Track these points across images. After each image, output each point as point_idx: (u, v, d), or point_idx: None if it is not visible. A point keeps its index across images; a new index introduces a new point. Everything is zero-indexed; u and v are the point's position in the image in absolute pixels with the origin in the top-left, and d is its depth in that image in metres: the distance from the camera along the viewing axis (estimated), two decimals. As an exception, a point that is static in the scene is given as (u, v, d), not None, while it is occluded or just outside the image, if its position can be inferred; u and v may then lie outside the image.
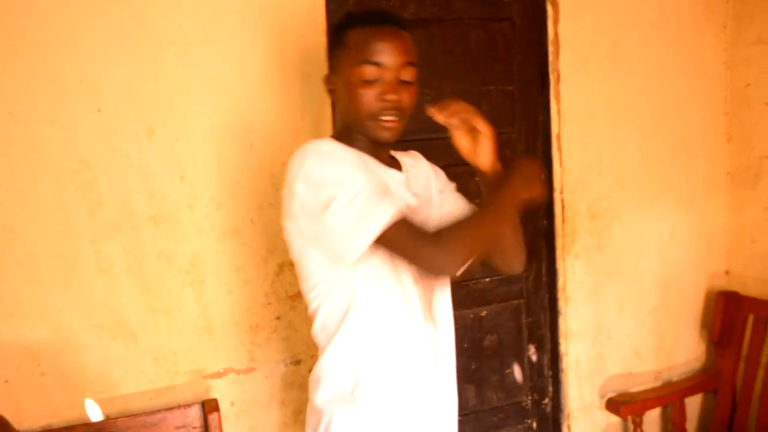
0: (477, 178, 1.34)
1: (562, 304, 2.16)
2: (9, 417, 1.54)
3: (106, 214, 1.62)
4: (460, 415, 2.04)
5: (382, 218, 1.12)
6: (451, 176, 1.50)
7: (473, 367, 2.07)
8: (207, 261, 1.70)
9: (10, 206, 1.56)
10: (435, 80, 1.95)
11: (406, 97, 1.25)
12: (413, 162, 1.44)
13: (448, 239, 1.13)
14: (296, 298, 1.80)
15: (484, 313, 2.07)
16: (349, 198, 1.13)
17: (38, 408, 1.58)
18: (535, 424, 2.17)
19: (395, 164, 1.37)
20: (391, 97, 1.22)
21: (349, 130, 1.29)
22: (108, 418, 1.62)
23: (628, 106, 2.28)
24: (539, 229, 2.14)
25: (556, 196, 2.16)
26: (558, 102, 2.15)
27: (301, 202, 1.18)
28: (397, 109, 1.24)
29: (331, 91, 1.32)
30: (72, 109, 1.58)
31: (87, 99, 1.59)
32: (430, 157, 1.74)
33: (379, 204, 1.13)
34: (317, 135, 1.79)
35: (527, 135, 2.12)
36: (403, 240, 1.14)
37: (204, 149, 1.69)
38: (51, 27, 1.55)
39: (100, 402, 1.63)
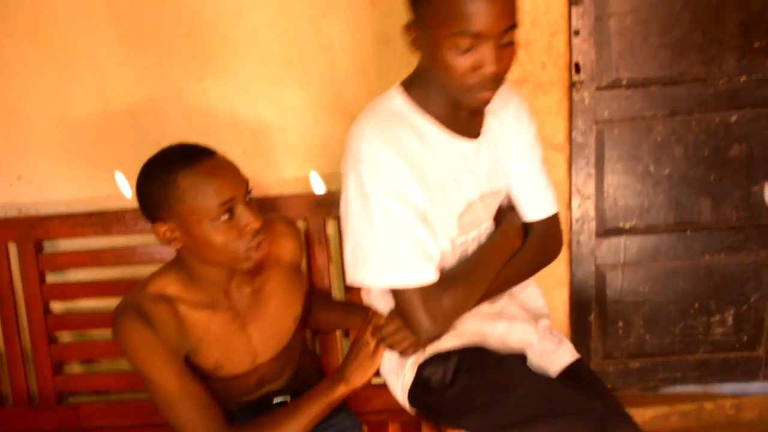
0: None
1: (839, 112, 1.77)
2: (247, 183, 1.71)
3: (325, -6, 1.62)
4: (691, 230, 1.86)
5: (399, 279, 1.12)
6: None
7: (712, 178, 1.82)
8: (423, 43, 1.64)
9: (238, -14, 1.62)
10: None
11: (506, 63, 1.04)
12: (503, 107, 1.24)
13: (444, 321, 1.15)
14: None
15: (733, 119, 1.77)
16: (385, 233, 1.11)
17: (271, 177, 1.73)
18: (781, 250, 1.90)
19: (475, 121, 1.21)
20: (489, 69, 1.02)
21: (429, 85, 1.13)
22: (329, 191, 1.72)
23: None
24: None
25: None
26: None
27: (345, 200, 1.15)
28: (495, 80, 1.05)
29: (413, 42, 1.10)
30: None
31: None
32: None
33: (405, 264, 1.11)
34: None
35: None
36: (405, 303, 1.14)
37: None
38: None
39: (323, 176, 1.74)
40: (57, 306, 1.83)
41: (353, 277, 1.16)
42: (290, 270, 1.37)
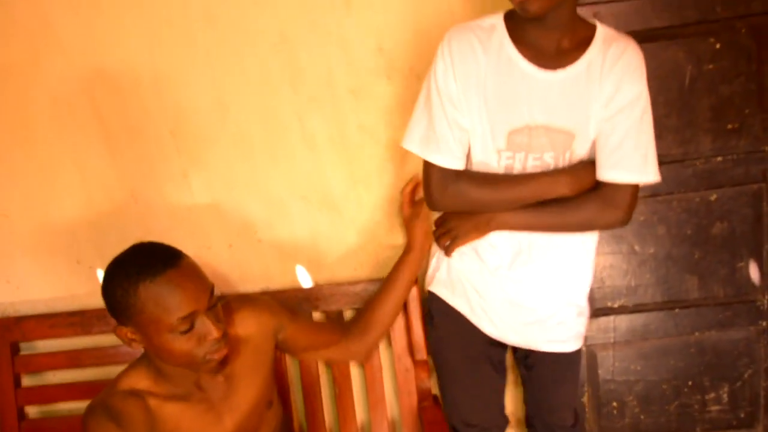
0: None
1: (816, 189, 1.81)
2: (233, 278, 1.69)
3: (308, 89, 1.63)
4: (679, 308, 1.86)
5: (423, 151, 1.33)
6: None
7: (696, 256, 1.83)
8: (407, 135, 1.66)
9: (221, 83, 1.63)
10: None
11: None
12: (609, 54, 1.24)
13: (456, 195, 1.32)
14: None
15: (713, 198, 1.80)
16: (423, 113, 1.32)
17: (257, 272, 1.71)
18: (771, 327, 1.90)
19: (569, 51, 1.24)
20: None
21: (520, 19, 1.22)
22: (316, 285, 1.70)
23: None
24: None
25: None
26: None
27: None
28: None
29: None
30: (272, -18, 1.59)
31: (286, -28, 1.58)
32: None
33: (430, 145, 1.31)
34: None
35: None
36: (425, 174, 1.36)
37: (401, 18, 1.61)
38: None
39: (310, 269, 1.72)
40: (32, 410, 1.76)
41: (403, 140, 1.37)
42: (258, 347, 1.32)
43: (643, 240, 1.82)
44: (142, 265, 1.09)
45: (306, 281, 1.72)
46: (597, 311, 1.85)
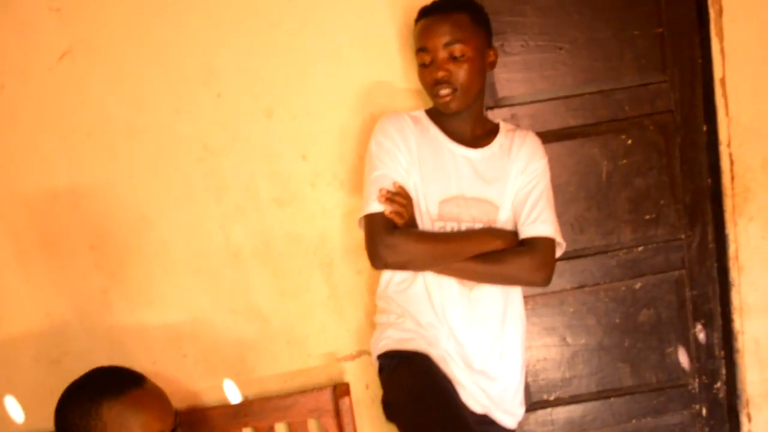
0: None
1: (734, 274, 1.87)
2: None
3: (232, 199, 1.62)
4: (614, 396, 1.87)
5: (365, 208, 1.39)
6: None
7: (626, 344, 1.86)
8: (334, 241, 1.66)
9: (143, 197, 1.61)
10: (568, 31, 1.74)
11: (456, 72, 1.38)
12: (517, 139, 1.49)
13: (396, 245, 1.35)
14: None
15: (637, 286, 1.84)
16: (367, 180, 1.42)
17: (183, 389, 1.64)
18: (704, 411, 1.92)
19: (481, 137, 1.49)
20: (439, 74, 1.38)
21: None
22: (245, 400, 1.64)
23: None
24: (703, 190, 1.85)
25: (722, 150, 1.85)
26: (721, 40, 1.83)
27: None
28: (447, 82, 1.38)
29: None
30: (193, 96, 1.59)
31: (207, 85, 1.59)
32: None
33: (367, 198, 1.39)
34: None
35: (683, 82, 1.83)
36: (367, 229, 1.39)
37: (323, 125, 1.63)
38: (170, 19, 1.57)
39: (238, 384, 1.66)
40: None
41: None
42: None
43: (574, 331, 1.84)
44: (105, 385, 1.06)
45: (235, 396, 1.65)
46: (534, 404, 1.85)
